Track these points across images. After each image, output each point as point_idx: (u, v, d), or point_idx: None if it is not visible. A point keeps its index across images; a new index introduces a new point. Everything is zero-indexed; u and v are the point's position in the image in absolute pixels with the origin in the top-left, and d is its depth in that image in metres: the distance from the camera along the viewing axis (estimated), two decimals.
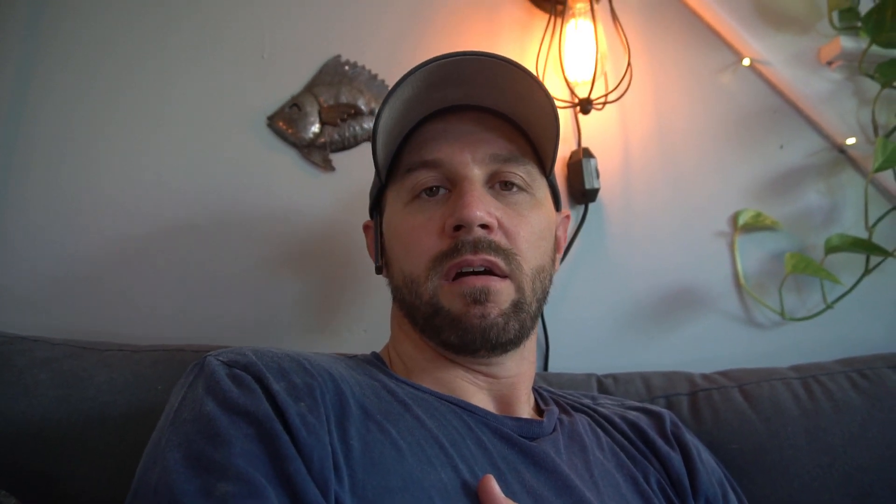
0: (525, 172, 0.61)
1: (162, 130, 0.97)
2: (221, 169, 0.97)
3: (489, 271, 0.56)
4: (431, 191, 0.60)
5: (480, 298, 0.55)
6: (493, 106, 0.62)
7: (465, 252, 0.55)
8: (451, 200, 0.58)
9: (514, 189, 0.60)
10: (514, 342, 0.58)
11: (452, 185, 0.59)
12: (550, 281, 0.63)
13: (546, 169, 0.64)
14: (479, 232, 0.56)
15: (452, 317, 0.56)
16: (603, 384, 0.85)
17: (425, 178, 0.60)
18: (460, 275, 0.56)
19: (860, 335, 1.01)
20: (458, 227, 0.56)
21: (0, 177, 0.92)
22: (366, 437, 0.47)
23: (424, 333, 0.60)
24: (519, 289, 0.57)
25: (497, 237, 0.57)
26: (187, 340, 0.83)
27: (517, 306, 0.57)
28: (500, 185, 0.60)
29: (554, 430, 0.60)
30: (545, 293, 0.62)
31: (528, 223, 0.59)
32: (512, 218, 0.58)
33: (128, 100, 0.97)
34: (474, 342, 0.56)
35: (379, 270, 0.66)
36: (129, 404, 0.71)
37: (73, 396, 0.71)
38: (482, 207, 0.56)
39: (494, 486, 0.47)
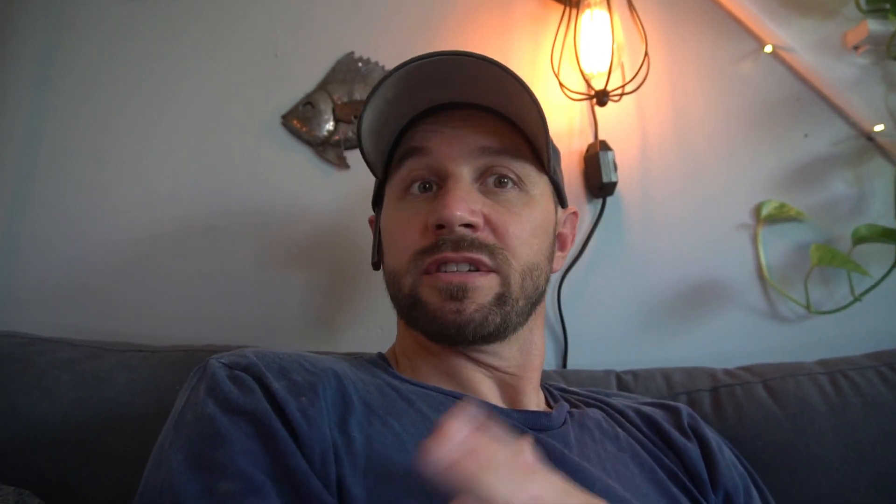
0: (519, 167, 0.59)
1: (176, 132, 0.98)
2: (236, 169, 0.97)
3: (473, 268, 0.55)
4: (425, 186, 0.59)
5: (457, 295, 0.54)
6: (481, 103, 0.60)
7: (445, 249, 0.55)
8: (437, 198, 0.57)
9: (508, 185, 0.59)
10: (496, 335, 0.57)
11: (441, 182, 0.59)
12: (547, 280, 0.62)
13: (544, 164, 0.62)
14: (462, 231, 0.55)
15: (428, 310, 0.56)
16: (622, 381, 0.84)
17: (417, 167, 0.59)
18: (440, 270, 0.56)
19: (890, 328, 0.98)
20: (440, 227, 0.56)
21: (17, 181, 0.94)
22: (368, 430, 0.47)
23: (408, 325, 0.60)
24: (505, 283, 0.56)
25: (483, 234, 0.56)
26: (205, 341, 0.84)
27: (500, 299, 0.56)
28: (494, 181, 0.59)
29: (564, 423, 0.60)
30: (538, 291, 0.60)
31: (518, 220, 0.58)
32: (501, 214, 0.57)
33: (140, 101, 0.98)
34: (450, 336, 0.56)
35: (376, 266, 0.66)
36: (147, 405, 0.72)
37: (94, 398, 0.72)
38: (464, 207, 0.55)
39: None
